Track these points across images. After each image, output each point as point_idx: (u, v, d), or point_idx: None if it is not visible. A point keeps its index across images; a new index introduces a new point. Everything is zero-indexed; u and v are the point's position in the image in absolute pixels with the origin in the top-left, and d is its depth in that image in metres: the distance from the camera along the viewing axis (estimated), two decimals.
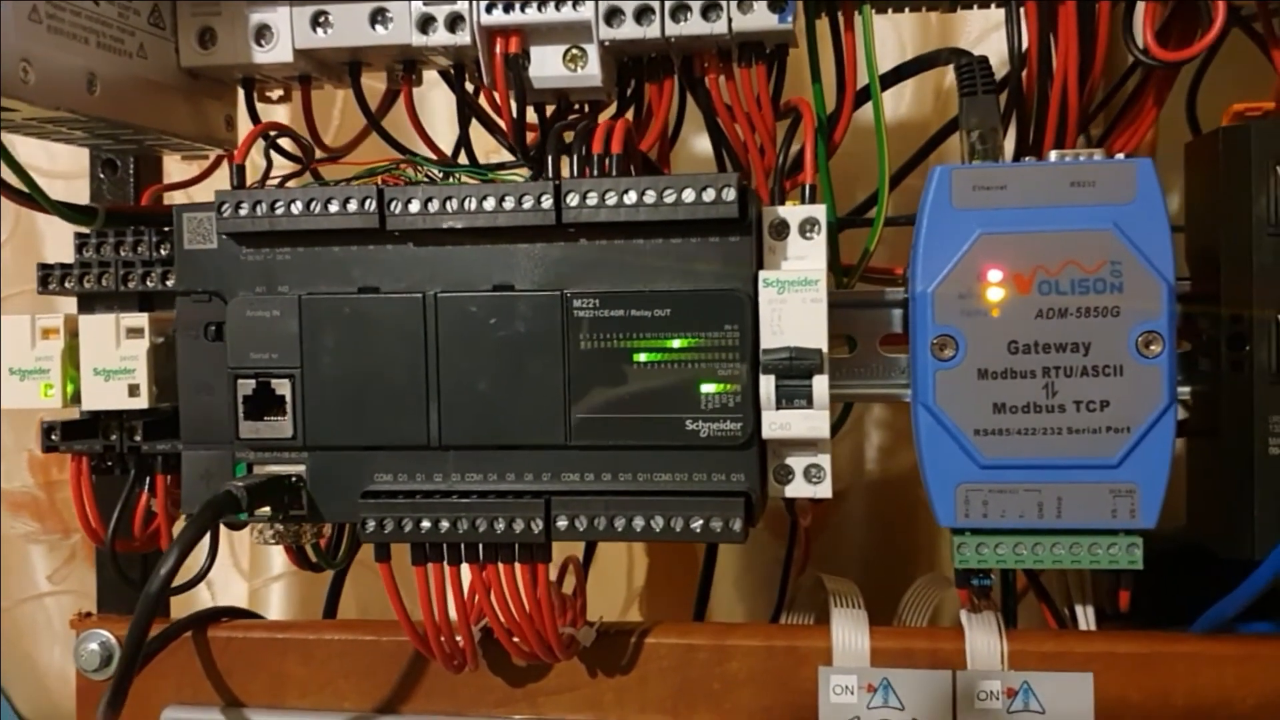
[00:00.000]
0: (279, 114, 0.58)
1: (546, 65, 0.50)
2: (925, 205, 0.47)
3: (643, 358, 0.45)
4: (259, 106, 0.57)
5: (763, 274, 0.44)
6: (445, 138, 0.58)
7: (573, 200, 0.44)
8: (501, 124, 0.52)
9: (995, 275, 0.47)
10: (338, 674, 0.56)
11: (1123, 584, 0.50)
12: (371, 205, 0.45)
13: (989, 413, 0.47)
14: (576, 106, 0.54)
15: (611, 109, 0.53)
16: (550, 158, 0.45)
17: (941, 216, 0.47)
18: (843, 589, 0.54)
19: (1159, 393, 0.46)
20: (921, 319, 0.47)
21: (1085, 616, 0.57)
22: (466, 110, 0.55)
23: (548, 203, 0.44)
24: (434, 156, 0.56)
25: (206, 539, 0.58)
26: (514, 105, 0.50)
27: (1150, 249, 0.46)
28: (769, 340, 0.44)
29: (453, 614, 0.49)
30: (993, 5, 0.54)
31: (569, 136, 0.46)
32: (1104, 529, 0.47)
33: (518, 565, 0.46)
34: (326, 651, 0.56)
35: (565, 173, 0.46)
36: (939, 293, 0.47)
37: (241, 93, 0.56)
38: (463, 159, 0.55)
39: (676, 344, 0.44)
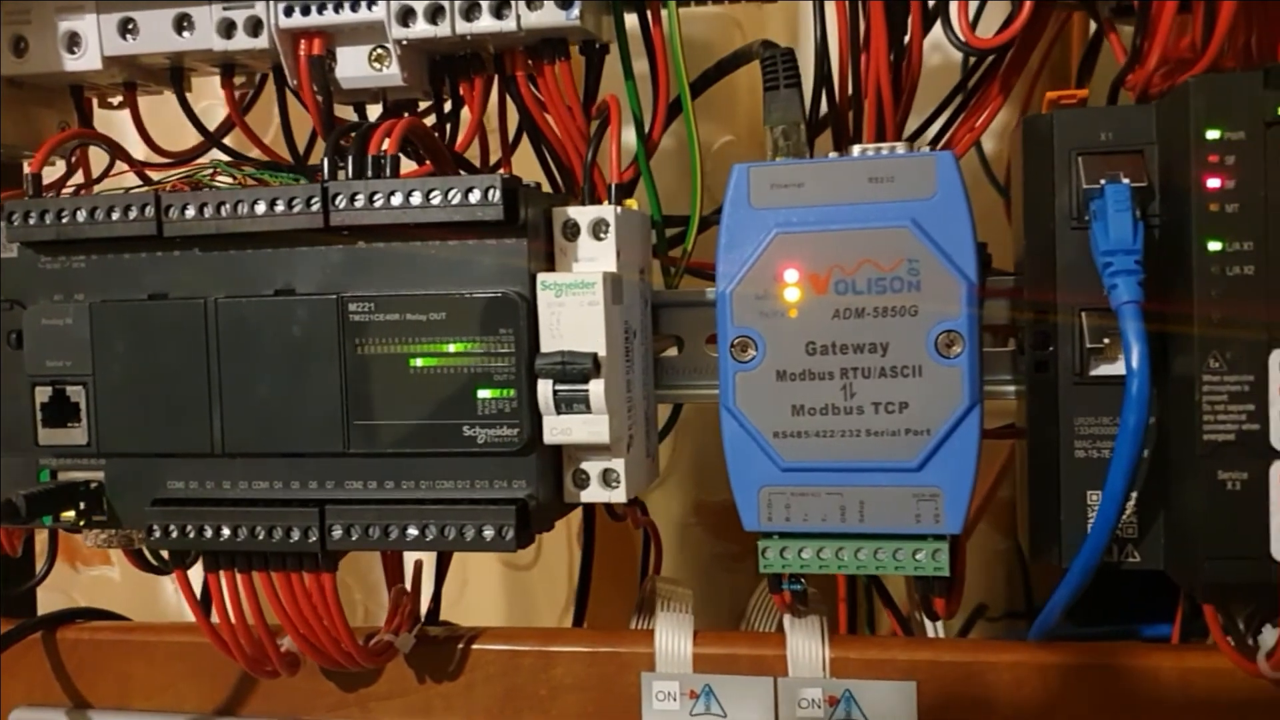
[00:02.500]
0: (124, 119, 0.58)
1: (354, 66, 0.50)
2: (724, 204, 0.46)
3: (419, 363, 0.44)
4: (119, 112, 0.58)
5: (540, 277, 0.44)
6: None
7: (340, 202, 0.43)
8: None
9: (792, 275, 0.45)
10: (179, 676, 0.56)
11: (935, 591, 0.48)
12: (150, 212, 0.45)
13: (788, 415, 0.46)
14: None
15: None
16: (326, 159, 0.45)
17: (739, 216, 0.46)
18: (672, 592, 0.54)
19: (959, 394, 0.44)
20: (721, 320, 0.46)
21: (932, 624, 0.56)
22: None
23: (316, 205, 0.43)
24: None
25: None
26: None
27: (950, 246, 0.44)
28: (548, 344, 0.44)
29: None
30: None
31: None
32: (909, 534, 0.46)
33: (306, 574, 0.46)
34: (168, 653, 0.56)
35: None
36: (737, 293, 0.46)
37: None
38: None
39: (452, 349, 0.44)
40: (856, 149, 0.46)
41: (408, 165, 0.52)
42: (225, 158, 0.56)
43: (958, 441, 0.45)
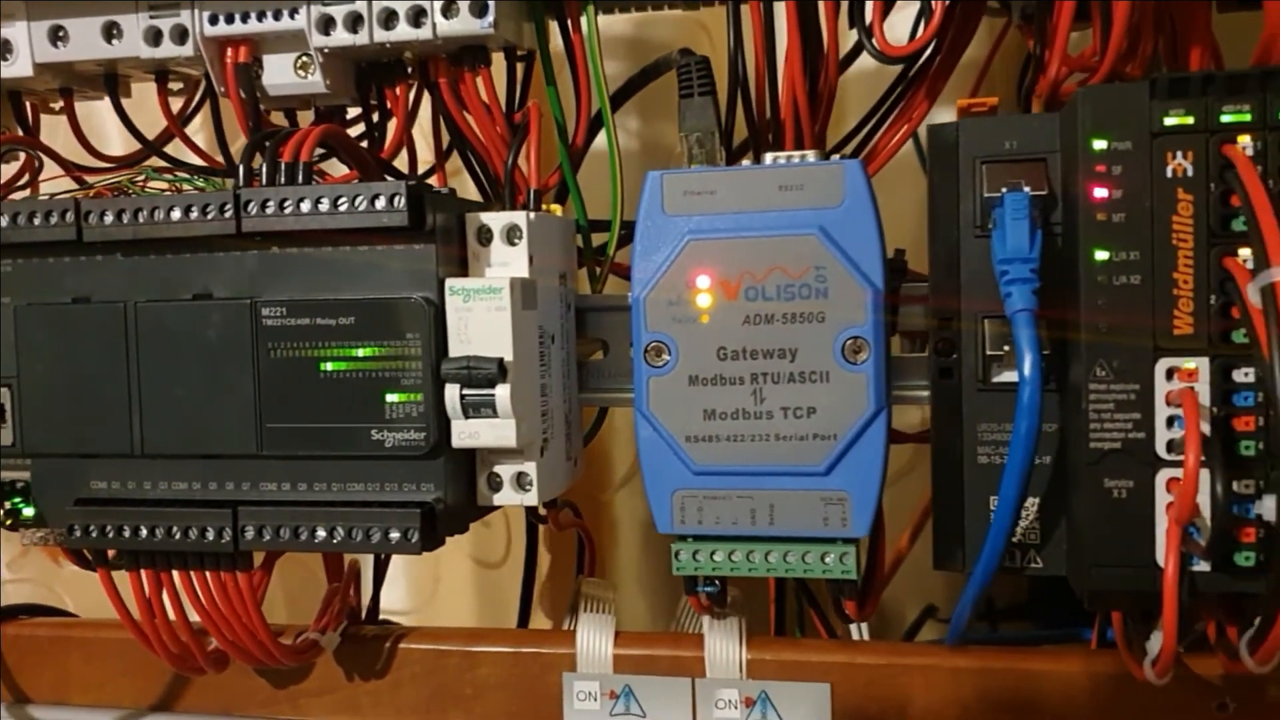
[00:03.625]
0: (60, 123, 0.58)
1: (280, 74, 0.50)
2: (639, 211, 0.47)
3: (329, 366, 0.45)
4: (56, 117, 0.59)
5: (449, 282, 0.44)
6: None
7: (252, 209, 0.44)
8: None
9: (704, 281, 0.46)
10: (117, 672, 0.57)
11: (845, 594, 0.49)
12: (70, 217, 0.46)
13: (700, 419, 0.47)
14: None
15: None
16: (241, 166, 0.45)
17: (654, 222, 0.47)
18: (597, 593, 0.54)
19: (864, 400, 0.45)
20: (636, 325, 0.47)
21: (857, 626, 0.56)
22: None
23: (229, 211, 0.44)
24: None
25: None
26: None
27: (857, 254, 0.45)
28: (456, 349, 0.44)
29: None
30: (715, 4, 0.52)
31: None
32: (817, 537, 0.46)
33: (223, 573, 0.47)
34: (106, 650, 0.57)
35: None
36: (650, 299, 0.47)
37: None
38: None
39: (361, 353, 0.44)
40: (769, 157, 0.47)
41: (341, 170, 0.53)
42: (162, 162, 0.56)
43: (864, 446, 0.45)
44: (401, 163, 0.57)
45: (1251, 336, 0.35)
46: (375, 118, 0.53)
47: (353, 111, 0.55)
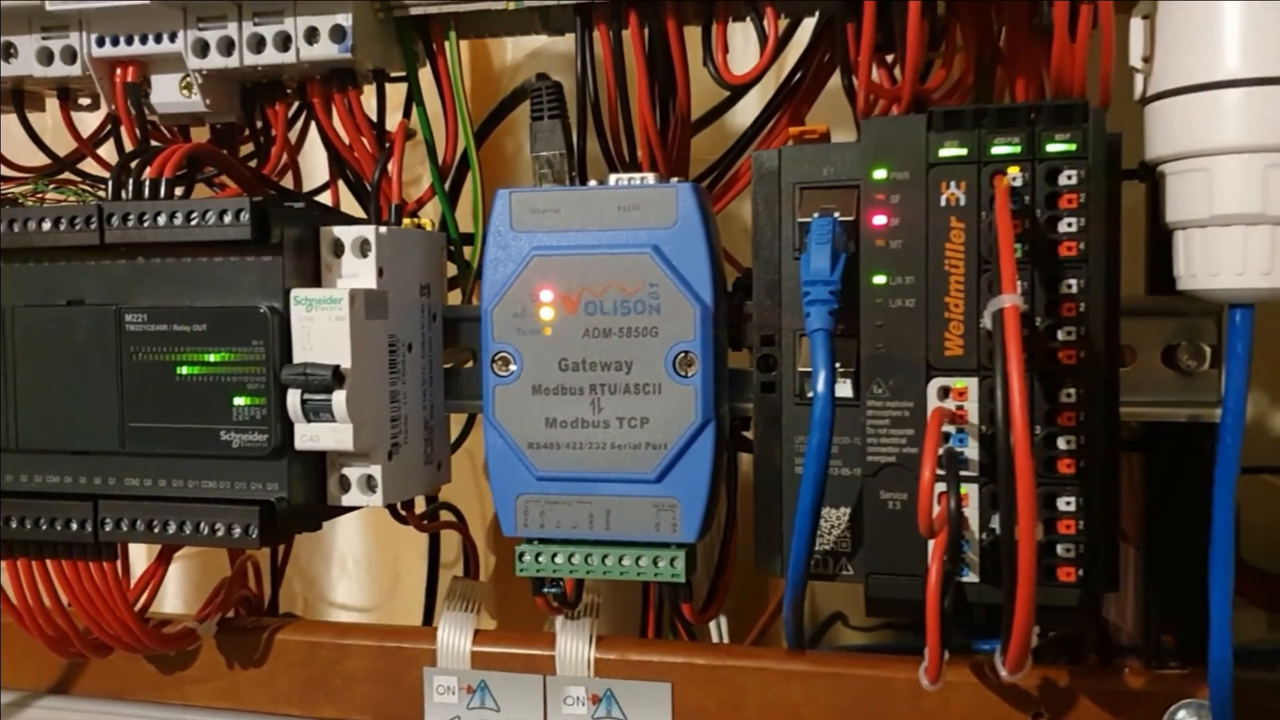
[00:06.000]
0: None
1: (166, 93, 0.53)
2: (488, 227, 0.49)
3: (184, 370, 0.48)
4: None
5: (293, 292, 0.47)
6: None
7: (114, 222, 0.47)
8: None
9: (547, 295, 0.48)
10: (18, 655, 0.60)
11: (682, 597, 0.51)
12: None
13: (542, 427, 0.49)
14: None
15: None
16: (111, 181, 0.48)
17: (501, 238, 0.49)
18: (465, 591, 0.56)
19: (693, 411, 0.47)
20: (484, 336, 0.49)
21: (718, 627, 0.58)
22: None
23: (94, 224, 0.47)
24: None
25: None
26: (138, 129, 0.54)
27: (688, 272, 0.47)
28: (300, 355, 0.47)
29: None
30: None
31: None
32: (650, 542, 0.48)
33: (90, 563, 0.50)
34: (9, 635, 0.60)
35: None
36: (496, 311, 0.49)
37: None
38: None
39: (212, 358, 0.47)
40: (612, 178, 0.49)
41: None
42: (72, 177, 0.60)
43: (693, 456, 0.47)
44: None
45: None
46: (263, 138, 0.56)
47: None
